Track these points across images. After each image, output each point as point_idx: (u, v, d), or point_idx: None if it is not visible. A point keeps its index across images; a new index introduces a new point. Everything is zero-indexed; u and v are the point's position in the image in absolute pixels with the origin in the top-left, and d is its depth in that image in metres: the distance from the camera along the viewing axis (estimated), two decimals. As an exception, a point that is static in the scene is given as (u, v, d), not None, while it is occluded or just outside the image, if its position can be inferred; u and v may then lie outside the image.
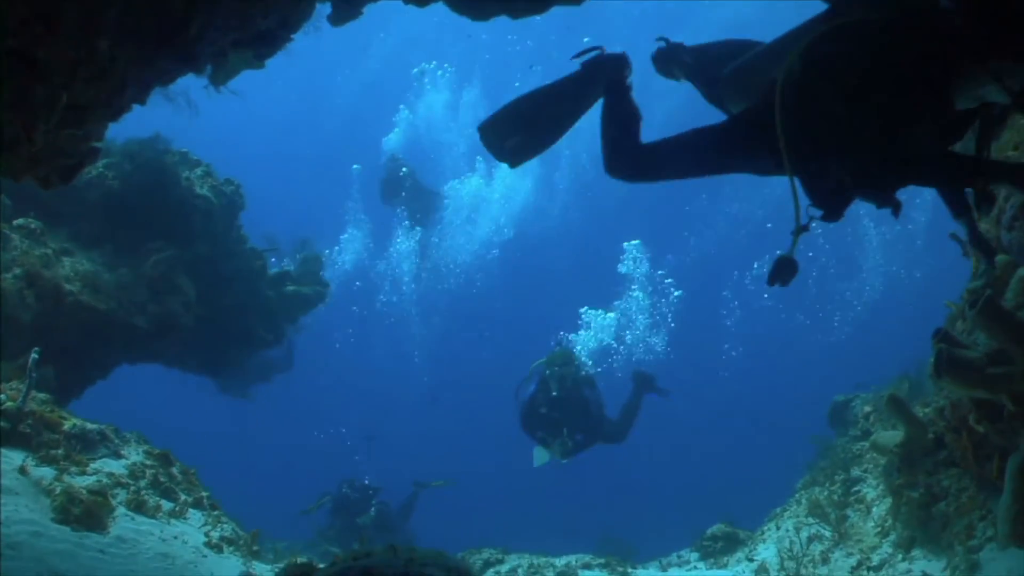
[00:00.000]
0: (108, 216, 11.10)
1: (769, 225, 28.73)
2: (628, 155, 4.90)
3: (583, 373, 14.25)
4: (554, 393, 13.64)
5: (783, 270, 4.40)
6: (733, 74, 5.00)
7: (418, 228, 24.72)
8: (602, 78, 5.12)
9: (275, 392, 21.63)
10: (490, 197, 27.59)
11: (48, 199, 10.55)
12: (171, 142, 12.08)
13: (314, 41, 6.91)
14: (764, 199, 30.56)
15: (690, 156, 4.82)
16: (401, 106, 28.61)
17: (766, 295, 30.32)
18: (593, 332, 19.77)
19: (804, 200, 4.37)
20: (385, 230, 26.48)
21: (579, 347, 15.94)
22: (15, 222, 9.87)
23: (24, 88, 4.55)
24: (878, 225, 26.26)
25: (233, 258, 12.66)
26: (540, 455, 14.01)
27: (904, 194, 4.42)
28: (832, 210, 4.41)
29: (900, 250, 26.16)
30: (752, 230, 31.39)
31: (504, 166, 5.83)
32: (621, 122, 4.98)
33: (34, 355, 7.43)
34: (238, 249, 12.81)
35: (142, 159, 11.55)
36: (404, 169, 23.80)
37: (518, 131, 5.31)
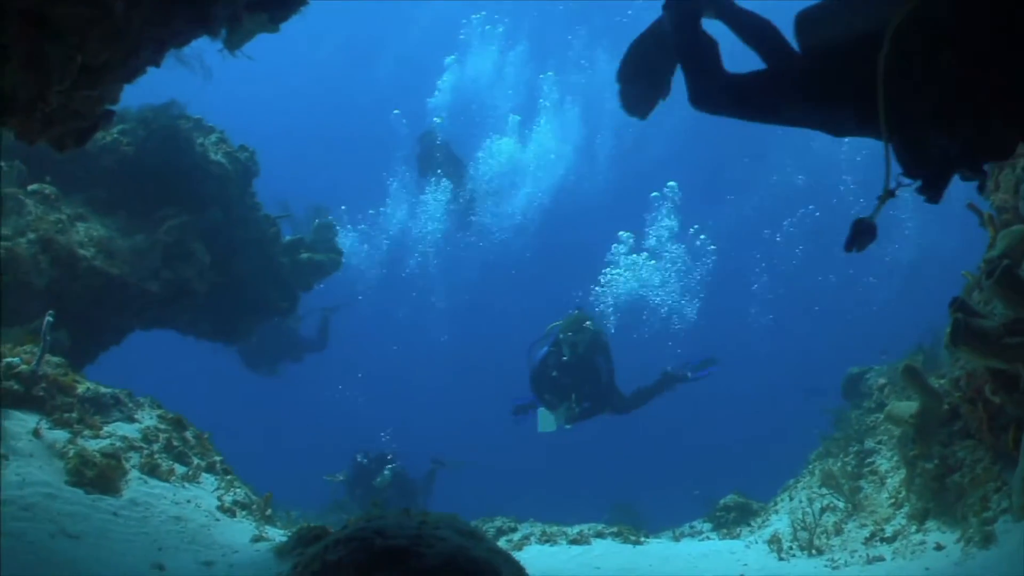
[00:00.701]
0: (122, 182, 11.09)
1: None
2: (717, 83, 4.73)
3: (599, 339, 14.11)
4: (565, 358, 13.64)
5: (862, 235, 4.26)
6: (808, 21, 4.63)
7: (456, 193, 24.58)
8: (681, 8, 4.98)
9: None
10: (526, 160, 27.46)
11: (63, 165, 10.54)
12: (186, 108, 12.08)
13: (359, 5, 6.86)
14: (807, 168, 30.36)
15: (772, 98, 4.65)
16: (449, 59, 28.62)
17: (795, 261, 30.27)
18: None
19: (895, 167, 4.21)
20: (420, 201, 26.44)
21: (602, 303, 15.57)
22: (29, 187, 9.86)
23: (37, 48, 4.53)
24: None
25: (247, 225, 12.63)
26: (546, 421, 14.02)
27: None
28: (933, 184, 4.23)
29: (933, 217, 26.02)
30: (790, 198, 31.24)
31: (543, 127, 5.77)
32: (702, 50, 4.82)
33: (48, 318, 7.42)
34: (252, 216, 12.79)
35: (156, 125, 11.53)
36: (439, 140, 23.80)
37: (633, 82, 5.30)
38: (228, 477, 8.43)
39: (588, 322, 14.13)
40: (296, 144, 42.37)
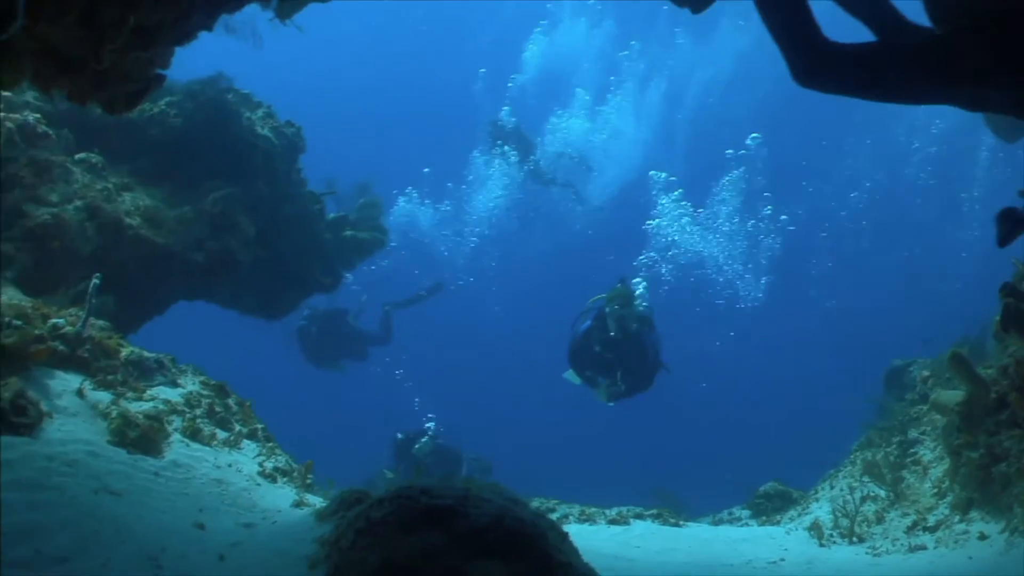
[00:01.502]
0: (168, 154, 11.13)
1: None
2: (833, 58, 4.02)
3: (644, 312, 13.44)
4: (612, 333, 12.90)
5: (1016, 226, 3.93)
6: None
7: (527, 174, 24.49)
8: None
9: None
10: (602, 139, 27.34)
11: (109, 136, 10.61)
12: (233, 81, 12.12)
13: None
14: (882, 158, 30.15)
15: (903, 74, 3.98)
16: (538, 27, 28.48)
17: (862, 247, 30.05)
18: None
19: None
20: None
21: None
22: (77, 156, 9.91)
23: (91, 8, 4.53)
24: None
25: (291, 200, 12.67)
26: (574, 375, 13.60)
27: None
28: None
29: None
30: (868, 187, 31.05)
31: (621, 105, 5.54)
32: (798, 16, 4.07)
33: (95, 280, 7.46)
34: (297, 192, 12.83)
35: (204, 98, 11.58)
36: (510, 123, 23.77)
37: None
38: (269, 444, 8.44)
39: (636, 294, 13.50)
40: (374, 119, 42.58)
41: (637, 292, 13.58)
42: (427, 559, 3.63)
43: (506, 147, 23.83)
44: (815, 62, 4.04)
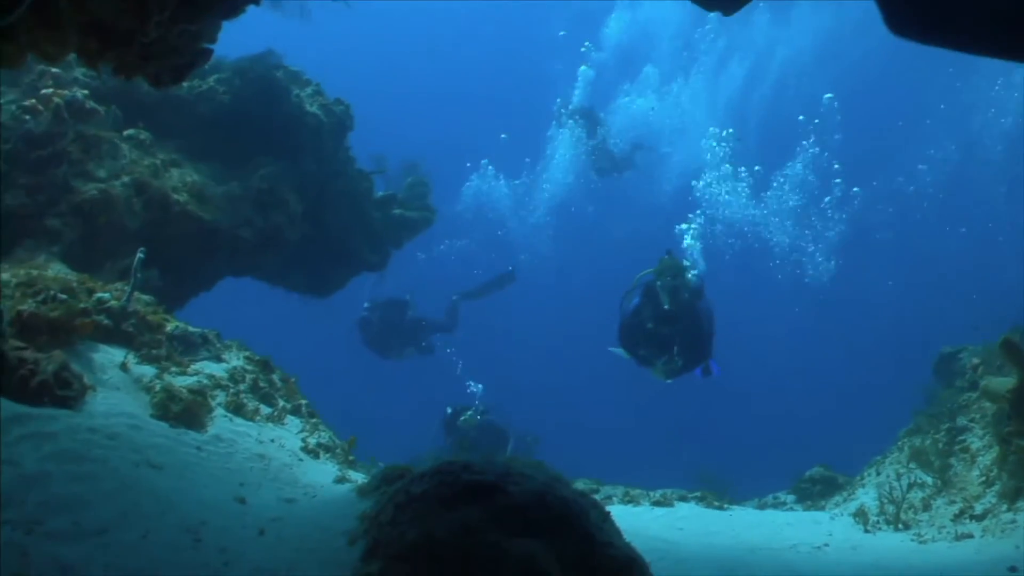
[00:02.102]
0: (217, 130, 11.20)
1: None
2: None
3: (695, 283, 12.75)
4: (666, 307, 12.31)
5: None
6: None
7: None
8: None
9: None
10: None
11: (158, 112, 10.66)
12: (283, 58, 12.13)
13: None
14: (961, 141, 29.76)
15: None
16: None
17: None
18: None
19: None
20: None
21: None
22: (125, 132, 9.96)
23: (137, -22, 4.52)
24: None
25: (340, 178, 12.71)
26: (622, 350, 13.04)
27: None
28: None
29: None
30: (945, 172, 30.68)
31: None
32: None
33: (140, 255, 7.49)
34: (345, 170, 12.86)
35: (253, 75, 11.63)
36: (580, 103, 23.55)
37: None
38: (313, 420, 8.46)
39: (687, 265, 12.85)
40: (451, 94, 42.57)
41: (687, 263, 12.95)
42: (467, 535, 3.59)
43: (576, 126, 23.58)
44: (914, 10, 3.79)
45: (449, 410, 18.58)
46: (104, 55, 5.02)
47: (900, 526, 8.76)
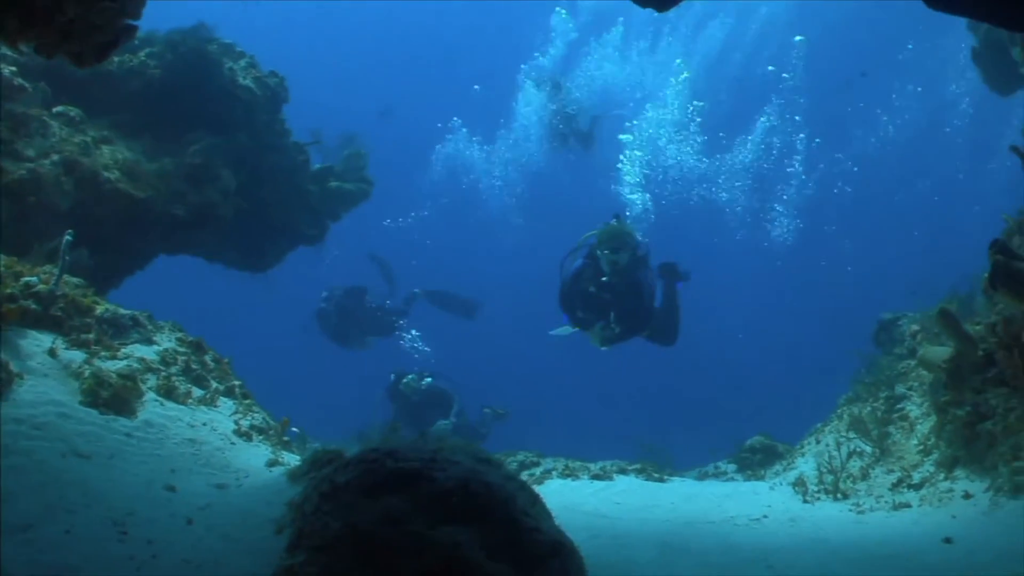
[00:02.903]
0: (149, 106, 11.03)
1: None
2: None
3: (639, 252, 12.62)
4: (605, 279, 12.25)
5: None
6: None
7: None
8: None
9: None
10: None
11: (88, 88, 10.48)
12: (214, 31, 11.95)
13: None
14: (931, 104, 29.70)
15: None
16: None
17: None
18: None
19: None
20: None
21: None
22: (54, 109, 9.78)
23: (53, -45, 4.42)
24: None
25: (275, 151, 12.56)
26: (564, 329, 12.91)
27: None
28: None
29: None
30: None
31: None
32: None
33: (67, 237, 7.35)
34: (280, 143, 12.70)
35: (184, 48, 11.44)
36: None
37: None
38: (247, 402, 8.37)
39: (630, 233, 12.65)
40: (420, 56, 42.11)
41: (628, 232, 12.72)
42: (390, 525, 3.56)
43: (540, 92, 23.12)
44: None
45: (392, 376, 18.51)
46: (25, 34, 4.92)
47: (839, 496, 8.81)
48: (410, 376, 18.07)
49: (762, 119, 24.75)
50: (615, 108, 24.41)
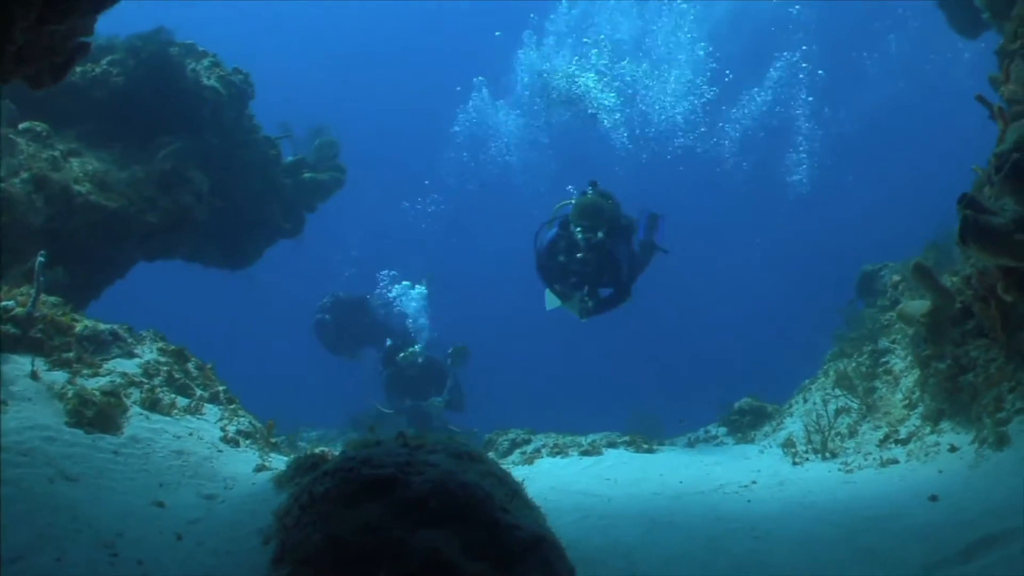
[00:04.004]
0: (115, 114, 11.03)
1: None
2: None
3: (618, 223, 12.38)
4: (580, 255, 11.95)
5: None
6: None
7: None
8: None
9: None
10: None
11: (54, 101, 10.45)
12: (174, 34, 11.92)
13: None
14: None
15: None
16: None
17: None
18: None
19: None
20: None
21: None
22: (20, 126, 9.77)
23: (-3, -13, 4.43)
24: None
25: (246, 148, 12.60)
26: (552, 299, 12.67)
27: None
28: None
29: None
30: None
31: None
32: None
33: (40, 259, 7.35)
34: (250, 139, 12.72)
35: (145, 53, 11.42)
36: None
37: None
38: (232, 407, 8.41)
39: (606, 205, 12.20)
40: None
41: (604, 202, 12.34)
42: (369, 533, 3.60)
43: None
44: None
45: (389, 342, 18.57)
46: (-26, 63, 4.92)
47: (827, 455, 8.89)
48: (411, 350, 18.12)
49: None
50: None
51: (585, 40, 22.44)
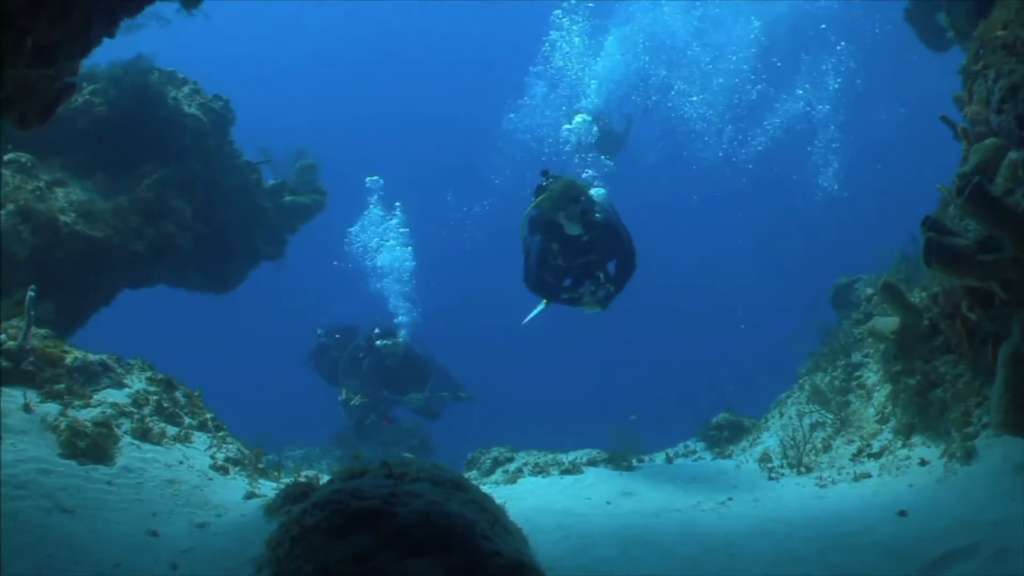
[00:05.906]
0: (98, 142, 11.12)
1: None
2: None
3: (602, 199, 11.46)
4: (586, 238, 11.12)
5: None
6: None
7: None
8: None
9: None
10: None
11: (38, 130, 10.54)
12: (154, 60, 12.03)
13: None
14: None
15: None
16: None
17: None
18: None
19: None
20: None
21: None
22: (5, 157, 9.88)
23: (-13, 36, 4.56)
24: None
25: (228, 173, 12.69)
26: (534, 311, 11.76)
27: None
28: None
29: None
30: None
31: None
32: None
33: (31, 293, 7.48)
34: (232, 164, 12.83)
35: (127, 82, 11.53)
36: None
37: None
38: (220, 434, 8.54)
39: (572, 182, 11.24)
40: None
41: (584, 187, 11.30)
42: (359, 564, 3.75)
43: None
44: None
45: (376, 330, 18.42)
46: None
47: (803, 470, 9.07)
48: (395, 339, 18.10)
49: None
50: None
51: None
